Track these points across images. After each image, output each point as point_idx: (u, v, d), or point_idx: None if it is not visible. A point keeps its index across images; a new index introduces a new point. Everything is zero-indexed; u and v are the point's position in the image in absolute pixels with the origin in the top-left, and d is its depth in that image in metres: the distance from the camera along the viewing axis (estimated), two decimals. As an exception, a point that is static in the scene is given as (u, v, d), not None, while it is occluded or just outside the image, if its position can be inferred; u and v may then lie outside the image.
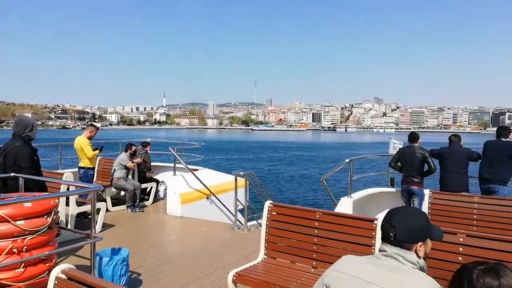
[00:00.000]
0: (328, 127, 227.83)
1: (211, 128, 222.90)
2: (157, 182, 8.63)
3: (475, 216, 5.07)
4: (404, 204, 6.35)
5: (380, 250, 1.72)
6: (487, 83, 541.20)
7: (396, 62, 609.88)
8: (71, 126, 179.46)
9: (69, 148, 8.37)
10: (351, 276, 1.63)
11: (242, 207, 6.64)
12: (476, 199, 5.24)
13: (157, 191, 8.61)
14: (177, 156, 7.62)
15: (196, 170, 8.09)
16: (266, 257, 3.66)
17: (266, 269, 3.45)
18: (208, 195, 7.48)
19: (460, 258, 2.81)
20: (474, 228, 4.93)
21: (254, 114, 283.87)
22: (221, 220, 7.31)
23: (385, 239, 1.71)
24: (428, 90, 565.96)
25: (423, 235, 1.72)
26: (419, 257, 1.68)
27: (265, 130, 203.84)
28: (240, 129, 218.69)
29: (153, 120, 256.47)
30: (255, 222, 6.81)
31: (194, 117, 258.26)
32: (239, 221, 6.59)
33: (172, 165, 8.17)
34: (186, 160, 8.36)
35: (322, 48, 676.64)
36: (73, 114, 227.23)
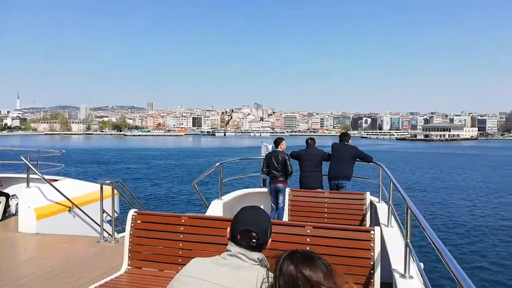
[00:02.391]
0: (208, 132, 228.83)
1: (77, 134, 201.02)
2: (7, 196, 7.52)
3: (326, 209, 5.72)
4: (272, 202, 6.96)
5: (226, 250, 1.79)
6: (348, 91, 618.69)
7: (273, 68, 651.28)
8: None
9: None
10: (196, 279, 1.67)
11: (110, 218, 6.26)
12: (326, 194, 5.95)
13: (7, 206, 7.48)
14: (31, 166, 6.78)
15: (56, 180, 7.33)
16: (130, 267, 3.52)
17: (129, 280, 3.32)
18: (70, 208, 6.84)
19: (308, 248, 3.15)
20: (325, 220, 5.57)
21: (131, 119, 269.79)
22: (87, 233, 6.77)
23: (243, 244, 1.75)
24: (300, 96, 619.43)
25: (271, 231, 1.87)
26: (260, 253, 1.78)
27: (140, 135, 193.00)
28: (111, 134, 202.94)
29: (3, 126, 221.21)
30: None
31: (55, 122, 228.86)
32: (107, 232, 6.19)
33: (25, 176, 7.23)
34: (43, 170, 7.49)
35: (208, 51, 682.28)
36: None
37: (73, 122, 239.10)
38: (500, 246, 12.04)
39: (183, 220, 3.51)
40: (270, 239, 1.85)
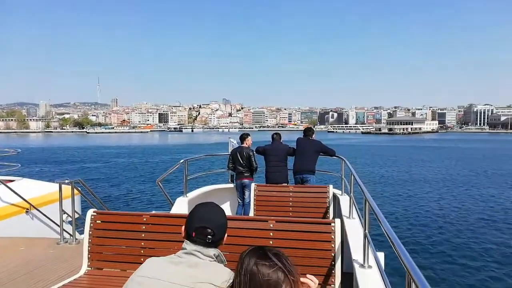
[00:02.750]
0: (174, 128, 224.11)
1: (35, 132, 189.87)
2: (-42, 199, 7.10)
3: (290, 203, 5.78)
4: (238, 198, 6.97)
5: (182, 249, 1.77)
6: (315, 86, 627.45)
7: (242, 64, 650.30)
8: None
9: None
10: (151, 279, 1.64)
11: (71, 219, 6.05)
12: (291, 189, 6.01)
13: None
14: None
15: (11, 181, 6.99)
16: (90, 269, 3.42)
17: (89, 282, 3.24)
18: (27, 209, 6.55)
19: (271, 242, 3.15)
20: (290, 213, 5.64)
21: (94, 115, 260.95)
22: (46, 235, 6.51)
23: (198, 241, 1.73)
24: (268, 91, 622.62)
25: (226, 227, 1.86)
26: (216, 249, 1.77)
27: (103, 132, 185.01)
28: (73, 132, 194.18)
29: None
30: None
31: (11, 119, 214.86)
32: (68, 233, 5.99)
33: None
34: None
35: (176, 47, 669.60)
36: None
37: (31, 119, 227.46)
38: (461, 237, 12.37)
39: (145, 219, 3.44)
40: (226, 235, 1.85)
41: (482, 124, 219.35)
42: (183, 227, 1.82)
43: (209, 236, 1.73)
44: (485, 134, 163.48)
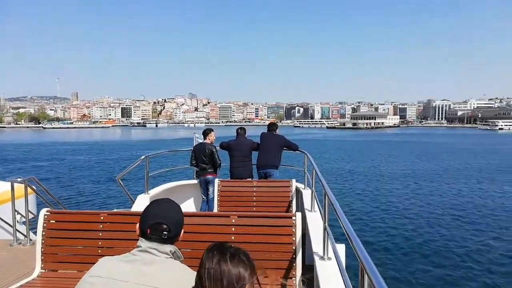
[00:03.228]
0: (138, 123, 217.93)
1: None
2: None
3: (254, 198, 5.77)
4: (202, 194, 6.90)
5: (137, 247, 1.72)
6: (281, 82, 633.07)
7: (209, 57, 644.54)
8: None
9: None
10: (104, 279, 1.59)
11: (25, 219, 5.76)
12: (255, 183, 6.02)
13: None
14: None
15: None
16: (44, 271, 3.29)
17: (43, 284, 3.13)
18: None
19: (233, 238, 3.14)
20: (254, 208, 5.63)
21: (53, 110, 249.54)
22: None
23: (153, 238, 1.69)
24: (235, 86, 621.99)
25: (183, 222, 1.83)
26: (172, 245, 1.74)
27: (61, 128, 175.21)
28: (28, 127, 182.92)
29: None
30: None
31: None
32: (22, 234, 5.71)
33: None
34: None
35: (140, 39, 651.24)
36: None
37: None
38: (427, 232, 12.52)
39: (102, 217, 3.35)
40: (182, 231, 1.82)
41: (440, 119, 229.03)
42: (137, 224, 1.78)
43: (165, 232, 1.70)
44: (443, 128, 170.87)
